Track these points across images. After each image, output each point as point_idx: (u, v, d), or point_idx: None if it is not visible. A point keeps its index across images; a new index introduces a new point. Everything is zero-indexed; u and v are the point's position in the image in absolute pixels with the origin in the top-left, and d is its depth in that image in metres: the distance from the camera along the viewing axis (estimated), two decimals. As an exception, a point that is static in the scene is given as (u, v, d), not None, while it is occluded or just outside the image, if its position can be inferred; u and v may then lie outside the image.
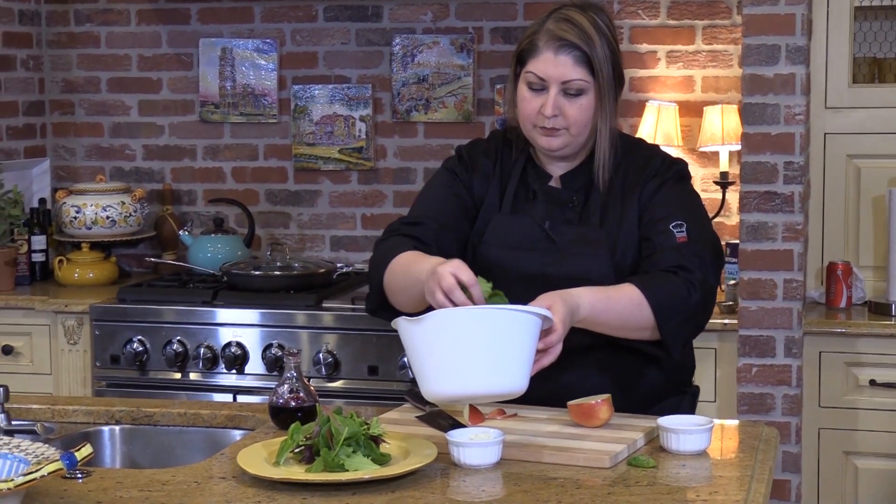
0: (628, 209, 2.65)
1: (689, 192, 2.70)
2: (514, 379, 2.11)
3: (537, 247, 2.66)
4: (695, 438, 2.35)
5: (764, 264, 3.92)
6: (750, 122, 3.91)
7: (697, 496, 2.13)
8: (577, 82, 2.60)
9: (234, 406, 2.85)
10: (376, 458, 2.22)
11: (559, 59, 2.60)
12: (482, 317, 2.07)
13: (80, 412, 2.80)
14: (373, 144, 4.77)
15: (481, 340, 2.05)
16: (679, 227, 2.60)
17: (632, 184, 2.66)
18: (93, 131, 5.03)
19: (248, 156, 4.90)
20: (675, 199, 2.65)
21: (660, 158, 2.70)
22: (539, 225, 2.67)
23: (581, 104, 2.61)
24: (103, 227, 4.69)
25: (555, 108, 2.61)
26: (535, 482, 2.19)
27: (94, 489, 2.20)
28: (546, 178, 2.72)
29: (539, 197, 2.70)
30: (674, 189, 2.66)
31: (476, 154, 2.77)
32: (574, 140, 2.65)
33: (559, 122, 2.62)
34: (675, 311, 2.50)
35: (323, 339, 4.08)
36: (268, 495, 2.14)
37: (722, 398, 4.01)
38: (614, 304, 2.47)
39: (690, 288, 2.52)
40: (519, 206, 2.71)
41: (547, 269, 2.64)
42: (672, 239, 2.59)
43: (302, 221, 4.87)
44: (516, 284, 2.65)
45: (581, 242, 2.64)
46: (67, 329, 4.31)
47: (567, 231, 2.66)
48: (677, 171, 2.69)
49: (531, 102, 2.64)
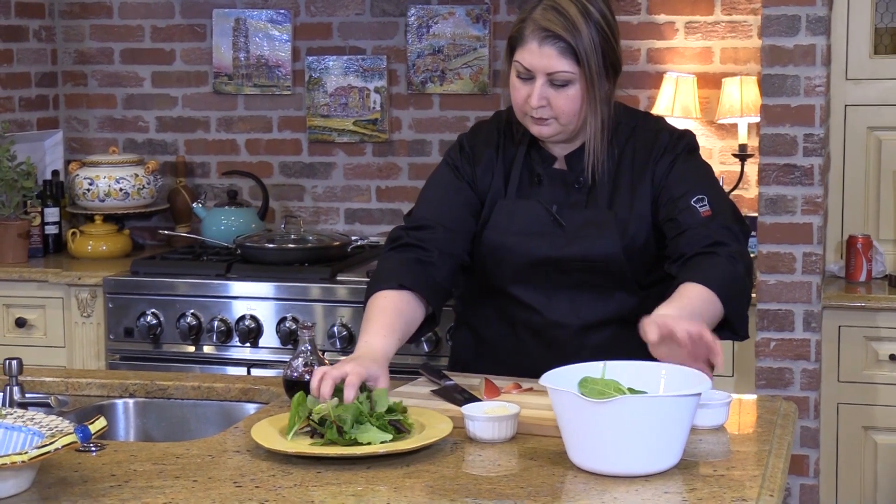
0: (639, 189, 2.64)
1: (702, 164, 2.69)
2: (676, 456, 2.13)
3: (545, 231, 2.66)
4: (712, 413, 2.35)
5: (783, 238, 3.91)
6: (769, 94, 3.89)
7: (714, 471, 2.13)
8: (562, 74, 2.57)
9: (248, 379, 2.86)
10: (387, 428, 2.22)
11: (543, 51, 2.57)
12: (665, 403, 2.08)
13: (93, 385, 2.81)
14: (387, 116, 4.77)
15: (657, 424, 2.07)
16: (701, 201, 2.59)
17: (641, 162, 2.65)
18: (106, 103, 5.03)
19: (262, 128, 4.90)
20: (691, 173, 2.64)
21: (667, 133, 2.68)
22: (546, 209, 2.67)
23: (568, 95, 2.59)
24: (116, 199, 4.70)
25: (541, 99, 2.59)
26: (551, 456, 2.20)
27: (107, 462, 2.21)
28: (550, 160, 2.71)
29: (544, 181, 2.70)
30: (687, 163, 2.65)
31: (477, 143, 2.76)
32: (565, 128, 2.63)
33: (546, 112, 2.60)
34: (734, 291, 2.49)
35: (337, 312, 4.09)
36: (282, 469, 2.15)
37: (740, 373, 4.00)
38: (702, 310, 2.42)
39: (734, 262, 2.51)
40: (524, 190, 2.71)
41: (555, 252, 2.64)
42: (697, 215, 2.57)
43: (316, 194, 4.87)
44: (523, 269, 2.66)
45: (589, 225, 2.64)
46: (81, 302, 4.33)
47: (575, 214, 2.66)
48: (687, 145, 2.67)
49: (520, 91, 2.62)
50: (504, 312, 2.71)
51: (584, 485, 2.07)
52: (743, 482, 2.07)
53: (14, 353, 4.14)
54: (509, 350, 2.70)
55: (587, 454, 2.11)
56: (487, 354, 2.69)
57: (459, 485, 2.07)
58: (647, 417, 2.06)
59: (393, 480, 2.09)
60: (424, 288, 2.61)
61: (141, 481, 2.11)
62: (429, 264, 2.65)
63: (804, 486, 3.99)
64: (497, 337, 2.70)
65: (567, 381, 2.14)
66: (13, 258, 4.52)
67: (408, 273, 2.62)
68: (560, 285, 2.63)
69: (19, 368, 2.51)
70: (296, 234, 4.35)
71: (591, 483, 2.07)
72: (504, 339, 2.67)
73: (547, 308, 2.63)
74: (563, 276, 2.63)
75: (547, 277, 2.65)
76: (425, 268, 2.64)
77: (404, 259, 2.65)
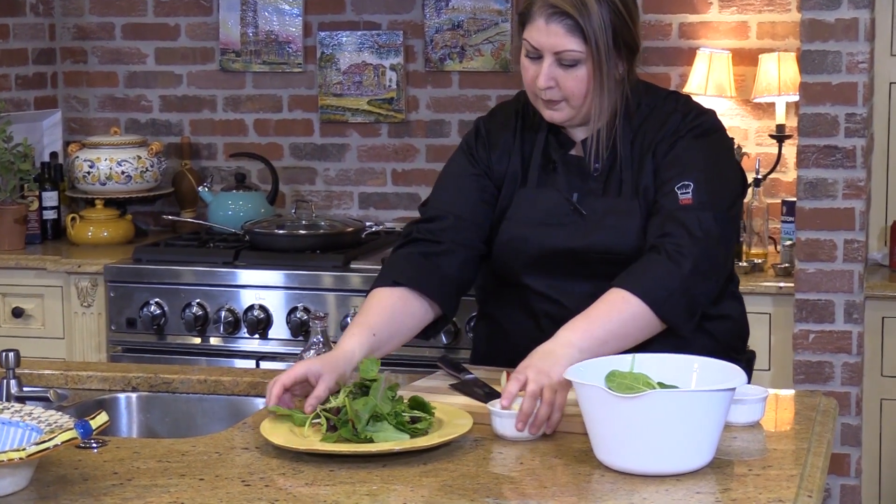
0: (642, 174, 2.64)
1: (706, 148, 2.64)
2: (708, 455, 2.13)
3: (565, 221, 2.66)
4: (747, 409, 2.35)
5: (823, 223, 3.90)
6: (809, 71, 3.88)
7: (749, 470, 2.13)
8: (570, 53, 2.57)
9: (257, 373, 2.86)
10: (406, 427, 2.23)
11: (550, 28, 2.57)
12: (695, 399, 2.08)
13: (94, 378, 2.82)
14: (404, 95, 4.77)
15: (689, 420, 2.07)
16: (685, 188, 2.57)
17: (647, 146, 2.64)
18: (107, 81, 5.04)
19: (272, 107, 4.90)
20: (688, 156, 2.61)
21: (680, 115, 2.66)
22: (566, 198, 2.67)
23: (577, 75, 2.58)
24: (118, 182, 4.71)
25: (549, 80, 2.59)
26: (576, 454, 2.20)
27: (109, 459, 2.22)
28: (568, 144, 2.71)
29: (559, 168, 2.69)
30: (689, 146, 2.62)
31: (494, 127, 2.76)
32: (577, 112, 2.63)
33: (556, 93, 2.60)
34: (666, 293, 2.48)
35: (351, 301, 4.09)
36: (293, 467, 2.16)
37: (777, 366, 4.00)
38: (607, 324, 2.43)
39: (678, 259, 2.49)
40: (542, 177, 2.71)
41: (575, 243, 2.64)
42: (674, 202, 2.56)
43: (329, 177, 4.88)
44: (543, 260, 2.66)
45: (611, 214, 2.63)
46: (81, 291, 4.34)
47: (595, 202, 2.65)
48: (696, 127, 2.64)
49: (529, 71, 2.62)
50: (525, 303, 2.71)
51: (612, 484, 2.07)
52: (780, 482, 2.07)
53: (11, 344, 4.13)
54: (532, 342, 2.69)
55: (615, 452, 2.11)
56: (509, 346, 2.70)
57: (479, 484, 2.08)
58: (678, 413, 2.06)
59: (410, 479, 2.09)
60: (427, 284, 2.62)
61: (144, 480, 2.11)
62: (438, 257, 2.66)
63: (845, 486, 3.98)
64: (519, 329, 2.71)
65: (593, 374, 2.14)
66: (9, 245, 4.54)
67: (409, 269, 2.63)
68: (582, 276, 2.63)
69: (16, 361, 2.52)
70: (307, 220, 4.36)
71: (619, 482, 2.07)
72: (526, 332, 2.67)
73: (570, 299, 2.63)
74: (584, 266, 2.63)
75: (568, 268, 2.65)
76: (432, 261, 2.65)
77: (409, 254, 2.67)
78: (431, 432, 2.25)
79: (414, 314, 2.63)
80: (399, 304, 2.61)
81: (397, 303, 2.61)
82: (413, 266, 2.65)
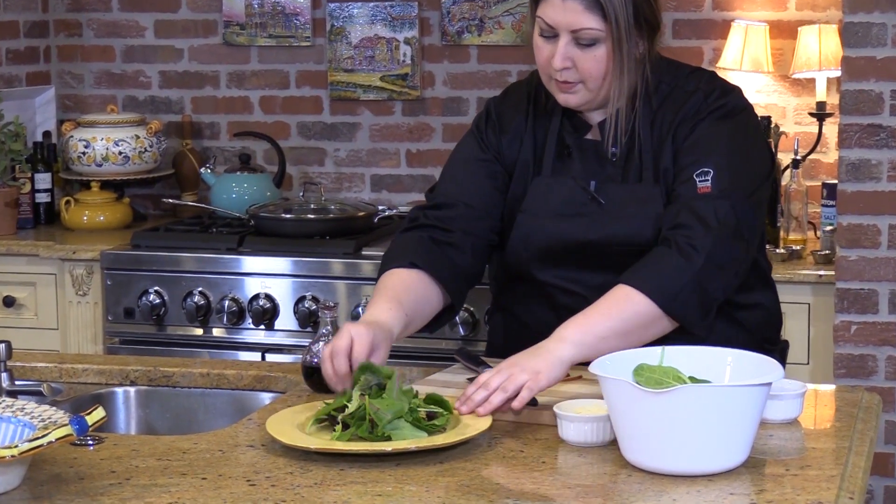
0: (662, 157, 2.63)
1: (729, 130, 2.63)
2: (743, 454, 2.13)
3: (583, 211, 2.66)
4: (784, 406, 2.35)
5: (866, 207, 3.89)
6: (851, 45, 3.87)
7: (787, 471, 2.14)
8: (588, 31, 2.56)
9: (263, 366, 2.87)
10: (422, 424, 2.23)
11: (567, 5, 2.56)
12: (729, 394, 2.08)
13: (90, 371, 2.83)
14: (419, 71, 4.77)
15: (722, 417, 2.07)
16: (704, 174, 2.56)
17: (667, 128, 2.63)
18: (103, 55, 5.05)
19: (278, 84, 4.91)
20: (710, 140, 2.60)
21: (702, 94, 2.65)
22: (582, 187, 2.67)
23: (596, 55, 2.58)
24: (115, 163, 4.72)
25: (565, 60, 2.59)
26: (602, 453, 2.20)
27: (106, 457, 2.23)
28: (583, 128, 2.71)
29: (574, 153, 2.69)
30: (710, 129, 2.61)
31: (505, 110, 2.77)
32: (595, 95, 2.62)
33: (572, 74, 2.60)
34: (676, 288, 2.47)
35: (362, 290, 4.10)
36: (300, 466, 2.16)
37: (816, 360, 4.00)
38: (606, 321, 2.44)
39: (689, 253, 2.48)
40: (557, 165, 2.71)
41: (592, 235, 2.64)
42: (692, 190, 2.56)
43: (339, 158, 4.88)
44: (561, 252, 2.66)
45: (631, 202, 2.63)
46: (75, 278, 4.35)
47: (615, 190, 2.65)
48: (720, 108, 2.63)
49: (543, 51, 2.62)
50: (544, 296, 2.71)
51: (640, 485, 2.07)
52: (819, 483, 2.07)
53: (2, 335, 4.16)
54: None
55: (643, 450, 2.11)
56: (528, 339, 2.69)
57: (498, 484, 2.08)
58: (710, 409, 2.06)
59: (425, 479, 2.10)
60: (440, 270, 2.63)
61: (143, 479, 2.12)
62: (448, 245, 2.67)
63: (889, 488, 3.98)
64: (538, 321, 2.71)
65: (620, 368, 2.15)
66: (0, 230, 4.55)
67: (421, 252, 2.64)
68: (603, 267, 2.63)
69: (8, 353, 2.54)
70: (316, 204, 4.37)
71: (647, 483, 2.07)
72: (546, 324, 2.66)
73: (591, 291, 2.62)
74: (605, 258, 2.63)
75: (588, 260, 2.65)
76: (443, 249, 2.66)
77: (418, 237, 2.68)
78: (449, 429, 2.26)
79: (431, 300, 2.64)
80: (419, 287, 2.62)
81: (418, 285, 2.62)
82: (426, 249, 2.66)
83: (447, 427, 2.27)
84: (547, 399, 2.37)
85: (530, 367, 2.35)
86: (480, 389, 2.33)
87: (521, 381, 2.33)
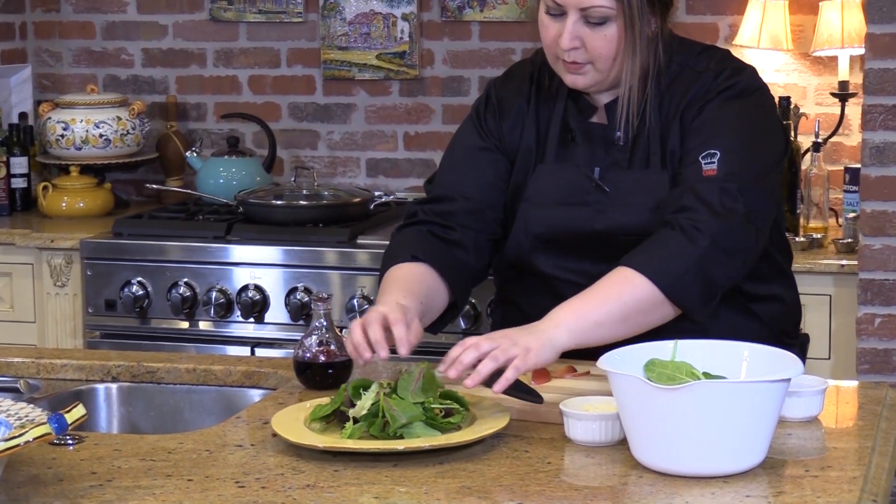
0: (669, 140, 2.63)
1: (739, 111, 2.63)
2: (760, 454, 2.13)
3: (587, 200, 2.66)
4: (804, 403, 2.35)
5: (891, 193, 3.89)
6: (876, 21, 3.86)
7: (806, 472, 2.14)
8: (598, 9, 2.56)
9: (252, 361, 2.88)
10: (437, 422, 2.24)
11: None
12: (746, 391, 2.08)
13: (69, 367, 2.83)
14: (417, 48, 4.77)
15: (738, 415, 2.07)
16: (710, 157, 2.56)
17: (675, 110, 2.63)
18: (82, 32, 5.04)
19: (269, 62, 4.91)
20: (718, 122, 2.59)
21: (712, 73, 2.64)
22: (586, 174, 2.67)
23: (606, 35, 2.58)
24: (96, 147, 4.72)
25: (573, 39, 2.58)
26: (611, 453, 2.21)
27: (87, 458, 2.23)
28: (589, 110, 2.71)
29: (578, 138, 2.69)
30: (719, 110, 2.60)
31: (506, 93, 2.77)
32: (605, 76, 2.62)
33: (581, 55, 2.60)
34: (678, 271, 2.47)
35: (357, 281, 4.10)
36: (293, 466, 2.17)
37: (838, 354, 4.00)
38: (603, 306, 2.44)
39: (694, 235, 2.48)
40: (560, 150, 2.71)
41: (596, 225, 2.64)
42: (697, 172, 2.55)
43: (332, 141, 4.88)
44: (563, 245, 2.66)
45: (638, 189, 2.63)
46: (54, 269, 4.36)
47: (621, 177, 2.65)
48: (730, 88, 2.62)
49: (549, 29, 2.62)
50: (549, 288, 2.71)
51: (651, 486, 2.07)
52: (840, 485, 2.08)
53: (-24, 329, 4.19)
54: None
55: (654, 450, 2.12)
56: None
57: (502, 486, 2.09)
58: (725, 407, 2.06)
59: (424, 480, 2.10)
60: (443, 265, 2.63)
61: (126, 480, 2.13)
62: (449, 242, 2.67)
63: (914, 490, 3.99)
64: (541, 313, 2.71)
65: (631, 363, 2.15)
66: (-26, 217, 4.56)
67: (423, 246, 2.64)
68: (609, 257, 2.63)
69: (-18, 347, 2.54)
70: (308, 190, 4.37)
71: (659, 485, 2.08)
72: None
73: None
74: (611, 249, 2.63)
75: (593, 251, 2.65)
76: (444, 244, 2.66)
77: (418, 232, 2.69)
78: (465, 426, 2.26)
79: (439, 292, 2.64)
80: (428, 279, 2.62)
81: (426, 277, 2.62)
82: (430, 244, 2.66)
83: (462, 425, 2.27)
84: (553, 396, 2.38)
85: (522, 342, 2.35)
86: (470, 350, 2.33)
87: (512, 354, 2.32)
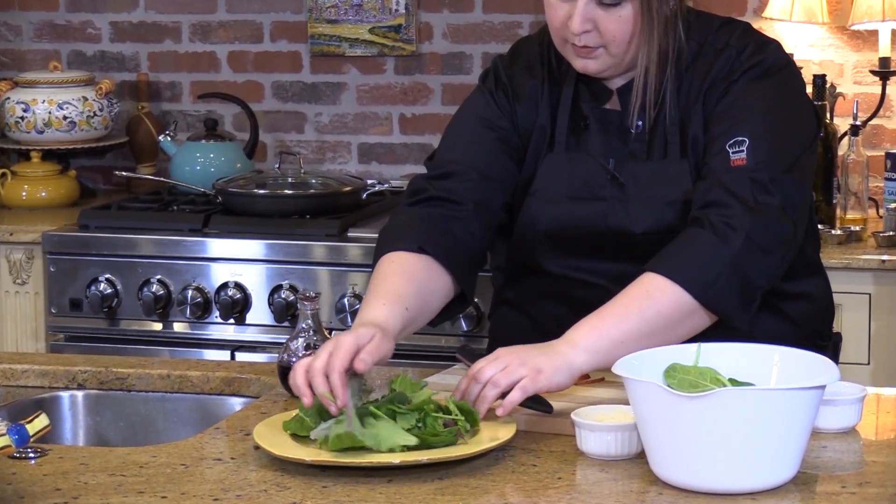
0: (690, 126, 2.63)
1: (766, 92, 2.63)
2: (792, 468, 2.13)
3: (601, 194, 2.66)
4: (840, 413, 2.36)
5: (936, 182, 3.91)
6: (920, -9, 3.88)
7: (843, 488, 2.14)
8: None
9: (233, 366, 2.88)
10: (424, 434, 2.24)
11: None
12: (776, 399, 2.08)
13: (31, 373, 2.84)
14: (415, 22, 4.77)
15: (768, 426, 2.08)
16: (738, 144, 2.56)
17: (696, 93, 2.64)
18: (44, 4, 5.05)
19: (250, 37, 4.91)
20: (742, 105, 2.59)
21: (734, 51, 2.64)
22: (601, 165, 2.67)
23: (620, 16, 2.58)
24: (59, 130, 4.73)
25: (584, 22, 2.58)
26: (628, 467, 2.21)
27: (50, 472, 2.23)
28: (604, 95, 2.71)
29: (591, 126, 2.70)
30: (744, 92, 2.60)
31: (516, 73, 2.76)
32: (619, 60, 2.63)
33: (593, 38, 2.60)
34: (712, 275, 2.46)
35: (348, 279, 4.11)
36: (276, 482, 2.17)
37: (878, 359, 4.00)
38: (625, 322, 2.43)
39: (726, 233, 2.48)
40: (572, 140, 2.71)
41: (611, 221, 2.64)
42: (725, 162, 2.55)
43: (321, 124, 4.89)
44: (574, 243, 2.67)
45: (656, 182, 2.64)
46: (13, 265, 4.36)
47: (638, 168, 2.66)
48: (755, 66, 2.62)
49: (558, 11, 2.62)
50: (556, 289, 2.72)
51: (671, 504, 2.09)
52: (879, 502, 2.08)
53: (-73, 331, 4.19)
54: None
55: (675, 464, 2.12)
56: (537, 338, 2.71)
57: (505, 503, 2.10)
58: (753, 417, 2.07)
59: (421, 498, 2.11)
60: (450, 255, 2.63)
61: (94, 497, 2.13)
62: (458, 222, 2.66)
63: (962, 509, 3.99)
64: (549, 317, 2.71)
65: (649, 368, 2.16)
66: (-75, 208, 4.57)
67: (430, 233, 2.63)
68: (623, 256, 2.64)
69: (-65, 351, 2.55)
70: (294, 177, 4.37)
71: (681, 502, 2.08)
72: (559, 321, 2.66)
73: (612, 282, 2.63)
74: (626, 246, 2.64)
75: (605, 249, 2.66)
76: (453, 228, 2.65)
77: (426, 215, 2.67)
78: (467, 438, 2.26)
79: (437, 288, 2.63)
80: (425, 275, 2.61)
81: (423, 273, 2.61)
82: (437, 231, 2.64)
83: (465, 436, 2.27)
84: (563, 405, 2.38)
85: (533, 363, 2.35)
86: (472, 383, 2.34)
87: (518, 376, 2.33)
